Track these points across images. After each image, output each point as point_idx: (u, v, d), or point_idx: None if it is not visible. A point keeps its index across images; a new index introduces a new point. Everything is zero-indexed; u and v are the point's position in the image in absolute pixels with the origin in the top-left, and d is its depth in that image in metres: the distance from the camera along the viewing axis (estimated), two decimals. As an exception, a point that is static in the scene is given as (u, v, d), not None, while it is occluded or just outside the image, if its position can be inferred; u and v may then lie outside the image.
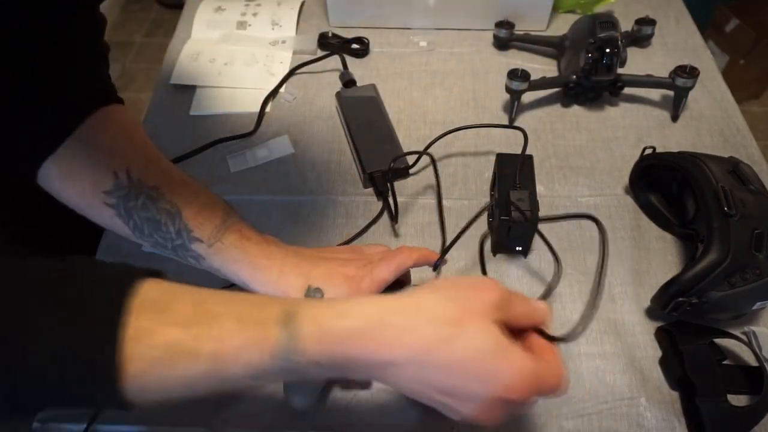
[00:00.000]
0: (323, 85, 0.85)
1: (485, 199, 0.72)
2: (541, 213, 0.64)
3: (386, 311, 0.35)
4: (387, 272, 0.51)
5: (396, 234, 0.69)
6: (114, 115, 0.52)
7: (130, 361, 0.30)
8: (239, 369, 0.33)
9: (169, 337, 0.32)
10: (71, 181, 0.50)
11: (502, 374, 0.34)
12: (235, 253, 0.50)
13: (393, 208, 0.68)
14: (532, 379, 0.35)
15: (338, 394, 0.57)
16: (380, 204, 0.71)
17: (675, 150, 0.70)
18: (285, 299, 0.39)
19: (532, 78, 0.76)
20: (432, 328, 0.34)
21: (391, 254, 0.53)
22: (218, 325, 0.33)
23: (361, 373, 0.35)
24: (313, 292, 0.48)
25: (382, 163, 0.72)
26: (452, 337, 0.34)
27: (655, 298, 0.60)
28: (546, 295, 0.57)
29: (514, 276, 0.65)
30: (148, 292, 0.33)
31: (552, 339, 0.41)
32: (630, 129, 0.80)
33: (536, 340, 0.40)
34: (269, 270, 0.50)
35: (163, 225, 0.49)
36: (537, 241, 0.67)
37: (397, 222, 0.68)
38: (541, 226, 0.67)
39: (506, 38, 0.89)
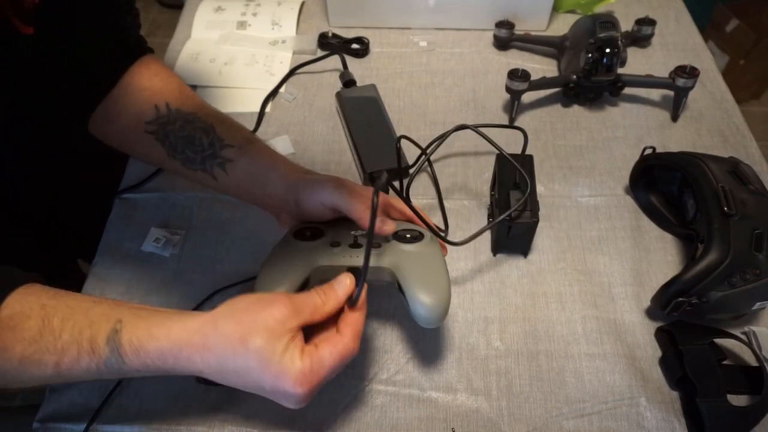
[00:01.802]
0: (323, 85, 0.85)
1: (485, 199, 0.72)
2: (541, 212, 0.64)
3: (190, 335, 0.42)
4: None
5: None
6: (149, 63, 0.61)
7: None
8: (79, 372, 0.42)
9: (19, 352, 0.41)
10: (117, 120, 0.59)
11: (283, 380, 0.41)
12: (265, 150, 0.58)
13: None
14: (311, 373, 0.42)
15: (335, 394, 0.57)
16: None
17: (675, 150, 0.70)
18: (117, 313, 0.43)
19: (532, 78, 0.76)
20: (224, 346, 0.42)
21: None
22: (60, 340, 0.41)
23: (179, 375, 0.43)
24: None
25: (382, 163, 0.72)
26: (240, 352, 0.41)
27: (655, 298, 0.60)
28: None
29: (514, 276, 0.65)
30: (7, 308, 0.41)
31: (350, 303, 0.46)
32: (630, 129, 0.80)
33: (342, 317, 0.46)
34: (291, 163, 0.57)
35: (197, 139, 0.57)
36: (537, 240, 0.67)
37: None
38: (542, 225, 0.67)
39: (506, 38, 0.89)
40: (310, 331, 0.45)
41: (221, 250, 0.68)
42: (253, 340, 0.41)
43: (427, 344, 0.60)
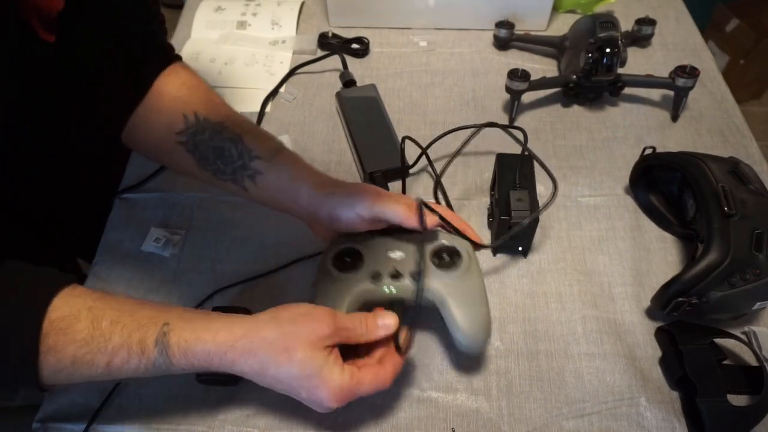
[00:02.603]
0: (323, 85, 0.85)
1: (485, 199, 0.72)
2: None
3: (235, 338, 0.45)
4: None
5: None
6: (178, 71, 0.60)
7: (45, 368, 0.42)
8: (128, 372, 0.45)
9: (71, 353, 0.43)
10: (148, 130, 0.59)
11: (320, 391, 0.45)
12: (293, 161, 0.58)
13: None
14: (348, 390, 0.46)
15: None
16: (380, 204, 0.71)
17: (675, 150, 0.70)
18: (163, 316, 0.46)
19: (532, 78, 0.76)
20: (267, 353, 0.45)
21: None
22: (110, 342, 0.43)
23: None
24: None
25: (382, 163, 0.72)
26: (282, 361, 0.45)
27: (655, 298, 0.60)
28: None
29: (514, 276, 0.65)
30: (56, 310, 0.43)
31: (399, 350, 0.50)
32: (630, 129, 0.80)
33: (385, 351, 0.50)
34: (320, 174, 0.57)
35: (227, 150, 0.56)
36: (536, 240, 0.67)
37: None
38: (541, 225, 0.67)
39: (506, 38, 0.89)
40: (343, 349, 0.48)
41: (221, 250, 0.68)
42: (296, 351, 0.44)
43: (428, 344, 0.60)
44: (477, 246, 0.57)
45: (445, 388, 0.57)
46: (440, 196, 0.72)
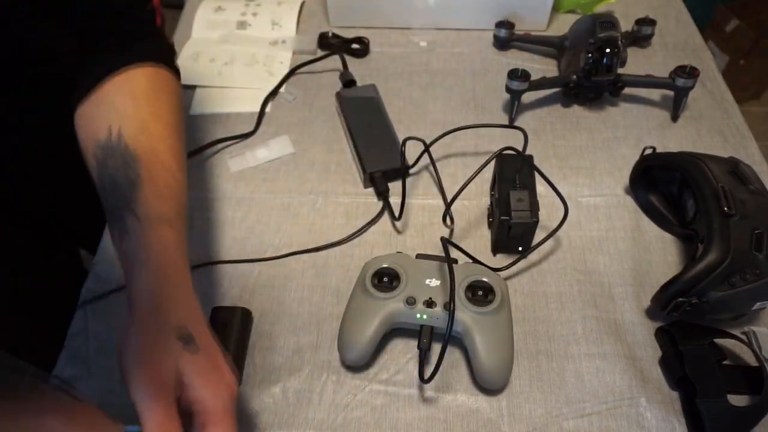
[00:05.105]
0: (323, 85, 0.85)
1: (485, 199, 0.72)
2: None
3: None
4: None
5: (398, 231, 0.69)
6: (150, 74, 0.54)
7: None
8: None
9: None
10: (84, 128, 0.53)
11: None
12: (153, 245, 0.47)
13: (401, 203, 0.69)
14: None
15: (335, 394, 0.57)
16: (380, 204, 0.71)
17: (675, 150, 0.70)
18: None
19: (532, 78, 0.76)
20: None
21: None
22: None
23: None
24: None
25: (382, 163, 0.72)
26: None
27: (655, 298, 0.60)
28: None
29: (514, 276, 0.65)
30: None
31: (422, 379, 0.54)
32: (630, 129, 0.80)
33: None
34: (135, 280, 0.46)
35: (119, 188, 0.48)
36: (536, 240, 0.67)
37: (399, 219, 0.69)
38: (541, 225, 0.67)
39: (506, 38, 0.89)
40: None
41: (221, 250, 0.68)
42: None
43: (427, 344, 0.60)
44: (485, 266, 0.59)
45: (445, 388, 0.57)
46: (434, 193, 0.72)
